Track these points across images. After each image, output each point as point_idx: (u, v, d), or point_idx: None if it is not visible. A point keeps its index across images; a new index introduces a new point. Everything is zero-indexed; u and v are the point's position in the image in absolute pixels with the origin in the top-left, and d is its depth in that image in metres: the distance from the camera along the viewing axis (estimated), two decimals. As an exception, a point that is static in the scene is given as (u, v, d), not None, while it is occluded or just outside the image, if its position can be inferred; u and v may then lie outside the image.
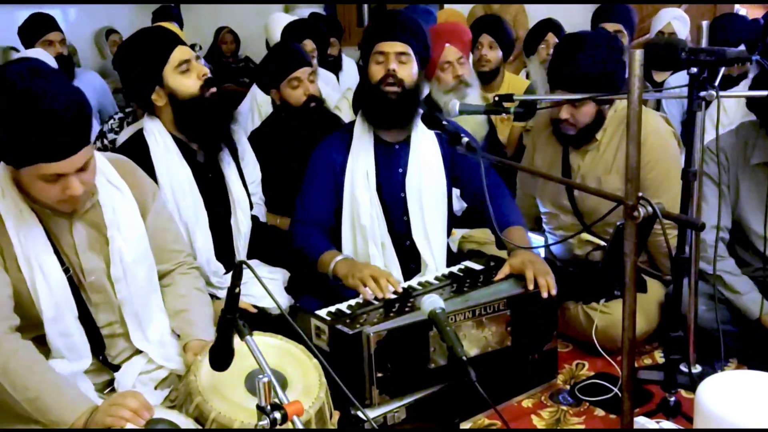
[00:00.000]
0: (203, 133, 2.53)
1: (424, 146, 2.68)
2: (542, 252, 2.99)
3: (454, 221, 2.85)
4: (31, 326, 1.91)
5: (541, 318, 2.41)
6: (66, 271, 1.93)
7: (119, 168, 2.07)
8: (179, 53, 2.46)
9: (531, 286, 2.37)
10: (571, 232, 2.84)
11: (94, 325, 2.00)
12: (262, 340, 1.96)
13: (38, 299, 1.87)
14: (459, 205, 3.25)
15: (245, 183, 2.75)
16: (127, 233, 2.02)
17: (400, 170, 2.68)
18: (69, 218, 1.94)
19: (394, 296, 2.37)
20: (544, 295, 2.36)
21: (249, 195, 2.75)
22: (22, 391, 1.75)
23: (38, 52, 4.06)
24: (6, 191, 1.87)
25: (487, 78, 4.14)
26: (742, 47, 3.52)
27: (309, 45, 3.93)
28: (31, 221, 1.88)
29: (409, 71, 2.59)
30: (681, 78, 3.70)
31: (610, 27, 4.12)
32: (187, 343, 2.06)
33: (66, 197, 1.82)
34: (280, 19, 4.62)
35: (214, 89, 2.51)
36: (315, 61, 3.95)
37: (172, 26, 4.91)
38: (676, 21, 4.33)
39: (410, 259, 2.70)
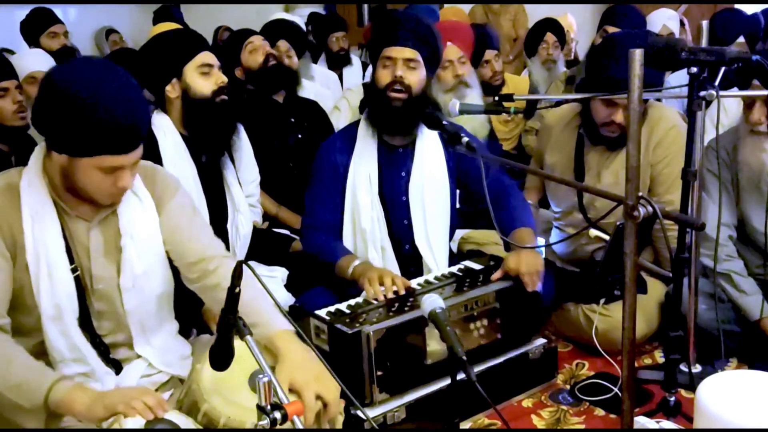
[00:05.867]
0: (207, 133, 2.62)
1: (428, 150, 2.66)
2: (544, 251, 2.99)
3: (457, 224, 2.84)
4: (33, 330, 1.90)
5: (526, 309, 2.44)
6: (74, 270, 1.92)
7: (141, 173, 2.02)
8: (205, 57, 2.61)
9: (512, 274, 2.39)
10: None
11: (94, 332, 1.98)
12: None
13: (39, 295, 1.87)
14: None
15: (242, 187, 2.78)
16: (141, 245, 1.99)
17: (404, 174, 2.66)
18: (87, 222, 1.94)
19: (393, 295, 2.36)
20: (528, 290, 2.39)
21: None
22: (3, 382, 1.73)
23: (38, 53, 4.04)
24: (32, 182, 1.87)
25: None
26: (741, 39, 3.52)
27: (283, 45, 3.94)
28: (49, 216, 1.88)
29: (416, 77, 2.54)
30: (681, 77, 3.70)
31: (612, 31, 4.11)
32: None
33: (116, 189, 1.85)
34: (280, 20, 4.61)
35: (225, 97, 2.61)
36: (294, 60, 3.93)
37: (173, 26, 4.91)
38: (670, 21, 4.33)
39: (410, 263, 2.69)
